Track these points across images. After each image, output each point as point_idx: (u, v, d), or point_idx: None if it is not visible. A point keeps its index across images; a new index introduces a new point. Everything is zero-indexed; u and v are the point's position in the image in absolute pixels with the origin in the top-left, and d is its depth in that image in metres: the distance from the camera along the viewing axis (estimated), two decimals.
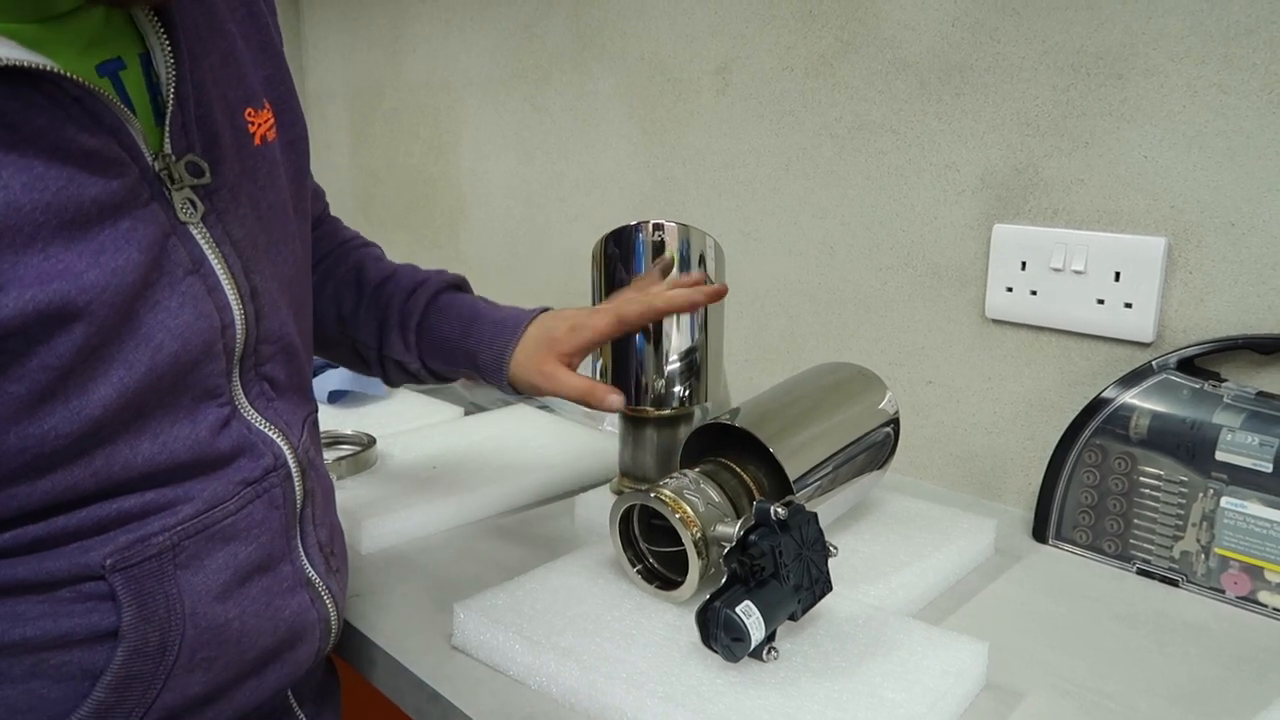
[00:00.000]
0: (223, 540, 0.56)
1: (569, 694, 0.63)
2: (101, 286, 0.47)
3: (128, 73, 0.52)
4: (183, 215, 0.52)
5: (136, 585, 0.52)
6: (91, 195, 0.47)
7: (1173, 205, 0.81)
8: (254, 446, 0.58)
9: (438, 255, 1.64)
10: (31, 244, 0.45)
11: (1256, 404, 0.76)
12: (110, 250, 0.48)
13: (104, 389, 0.48)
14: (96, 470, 0.50)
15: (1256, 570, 0.75)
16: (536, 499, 0.97)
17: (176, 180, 0.52)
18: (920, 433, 1.02)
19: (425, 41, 1.56)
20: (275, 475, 0.59)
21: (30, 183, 0.45)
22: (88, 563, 0.51)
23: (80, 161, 0.47)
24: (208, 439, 0.55)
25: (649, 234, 0.85)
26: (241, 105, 0.58)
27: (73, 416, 0.48)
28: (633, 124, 1.24)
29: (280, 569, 0.60)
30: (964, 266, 0.95)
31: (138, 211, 0.50)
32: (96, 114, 0.48)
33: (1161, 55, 0.80)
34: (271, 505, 0.59)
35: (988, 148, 0.91)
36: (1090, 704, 0.64)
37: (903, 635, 0.66)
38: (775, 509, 0.63)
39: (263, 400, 0.59)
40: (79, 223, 0.47)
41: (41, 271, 0.45)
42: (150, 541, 0.53)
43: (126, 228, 0.49)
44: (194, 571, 0.55)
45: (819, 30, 1.02)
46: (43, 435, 0.47)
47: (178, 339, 0.51)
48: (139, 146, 0.50)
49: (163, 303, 0.51)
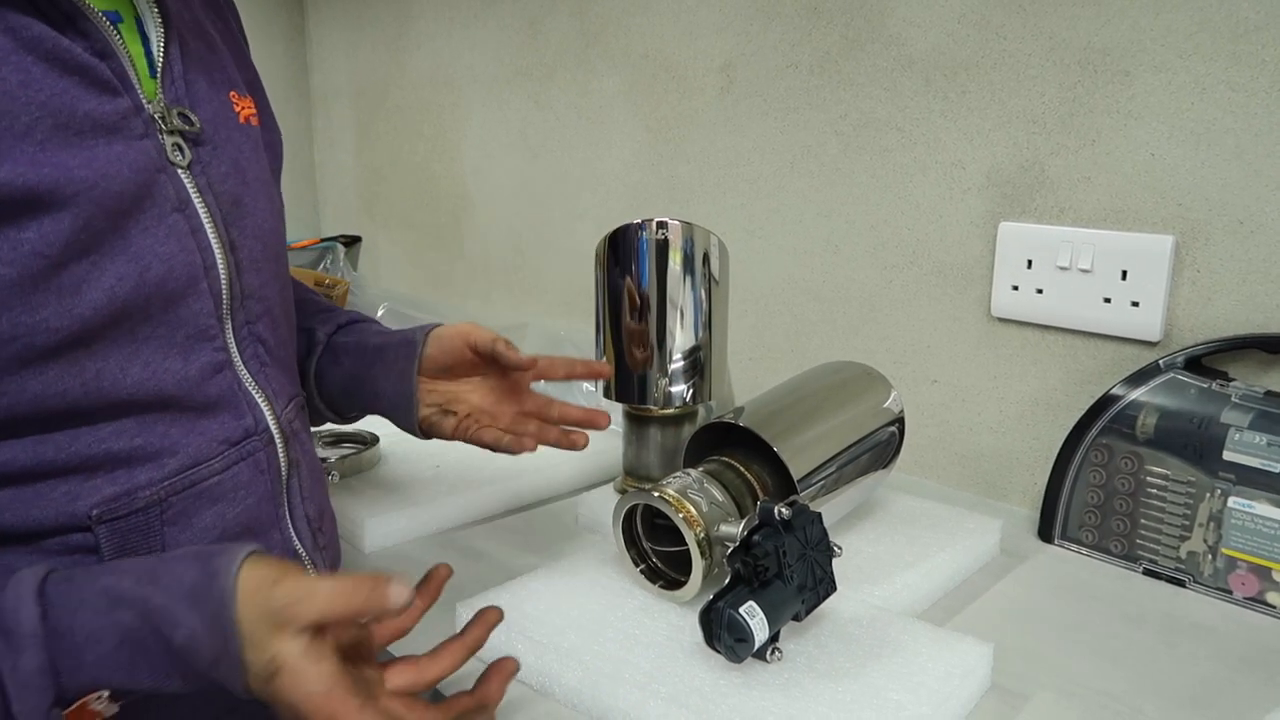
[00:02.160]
0: (210, 500, 0.57)
1: (571, 694, 0.62)
2: (90, 184, 0.50)
3: (124, 25, 0.55)
4: (172, 157, 0.55)
5: (121, 539, 0.53)
6: (85, 109, 0.50)
7: (1180, 203, 0.81)
8: (238, 404, 0.60)
9: (442, 253, 1.64)
10: (28, 134, 0.48)
11: (1265, 403, 0.75)
12: (102, 160, 0.51)
13: (95, 293, 0.51)
14: (86, 381, 0.51)
15: (1264, 571, 0.74)
16: (539, 498, 0.97)
17: (168, 125, 0.55)
18: (925, 432, 1.01)
19: (429, 39, 1.56)
20: (257, 439, 0.61)
21: (26, 81, 0.48)
22: (75, 511, 0.52)
23: (75, 76, 0.50)
24: (197, 380, 0.57)
25: (653, 232, 0.85)
26: (226, 87, 0.62)
27: (64, 313, 0.50)
28: (637, 122, 1.24)
29: (269, 535, 0.62)
30: (969, 265, 0.95)
31: (132, 141, 0.53)
32: (88, 35, 0.51)
33: (1169, 52, 0.79)
34: (256, 469, 0.61)
35: (994, 145, 0.91)
36: (1096, 705, 0.63)
37: (907, 636, 0.65)
38: (779, 509, 0.63)
39: (256, 362, 0.61)
40: (73, 129, 0.50)
41: (35, 159, 0.48)
42: (137, 495, 0.54)
43: (119, 150, 0.52)
44: (181, 529, 0.56)
45: (824, 27, 1.01)
46: (34, 325, 0.49)
47: (164, 264, 0.54)
48: (131, 80, 0.54)
49: (151, 229, 0.53)
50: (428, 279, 1.70)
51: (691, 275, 0.86)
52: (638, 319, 0.86)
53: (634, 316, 0.86)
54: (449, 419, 0.75)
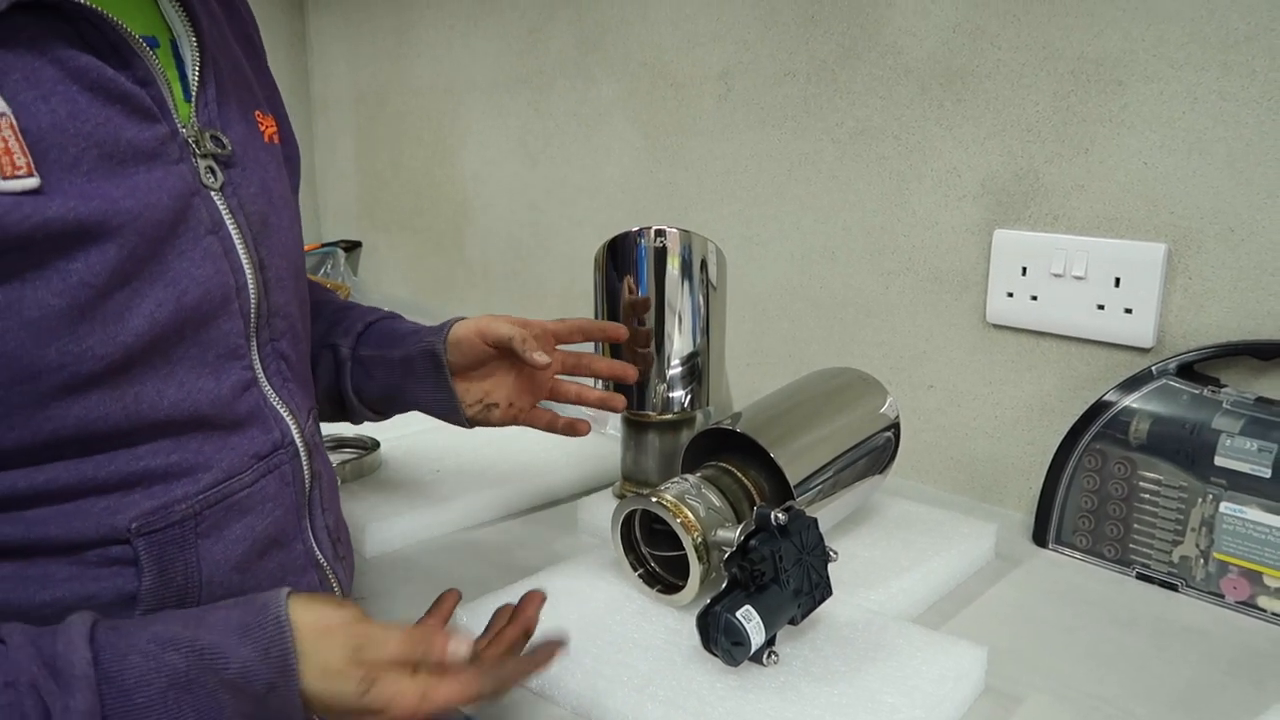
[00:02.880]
0: (240, 512, 0.59)
1: (571, 697, 0.63)
2: (135, 214, 0.51)
3: (160, 50, 0.57)
4: (205, 180, 0.57)
5: (159, 550, 0.55)
6: (128, 137, 0.52)
7: (1173, 211, 0.82)
8: (265, 419, 0.61)
9: (442, 259, 1.65)
10: (76, 166, 0.49)
11: (1255, 409, 0.76)
12: (144, 189, 0.52)
13: (137, 319, 0.52)
14: (126, 405, 0.53)
15: (1255, 575, 0.75)
16: (539, 503, 0.98)
17: (201, 147, 0.57)
18: (921, 437, 1.02)
19: (429, 47, 1.57)
20: (284, 453, 0.62)
21: (75, 112, 0.50)
22: (115, 525, 0.54)
23: (118, 104, 0.52)
24: (228, 398, 0.58)
25: (651, 240, 0.86)
26: (251, 106, 0.63)
27: (108, 340, 0.51)
28: (635, 129, 1.25)
29: (293, 546, 0.63)
30: (965, 271, 0.96)
31: (170, 166, 0.54)
32: (131, 64, 0.53)
33: (1161, 62, 0.80)
34: (283, 481, 0.62)
35: (989, 153, 0.92)
36: (1088, 708, 0.64)
37: (902, 640, 0.66)
38: (776, 514, 0.63)
39: (279, 378, 0.63)
40: (116, 159, 0.51)
41: (84, 190, 0.49)
42: (174, 508, 0.55)
43: (159, 176, 0.53)
44: (214, 541, 0.57)
45: (821, 36, 1.02)
46: (80, 354, 0.50)
47: (200, 287, 0.55)
48: (169, 106, 0.55)
49: (187, 253, 0.55)
50: (428, 284, 1.70)
51: (689, 282, 0.87)
52: (636, 325, 0.87)
53: (632, 323, 0.87)
54: (493, 410, 0.81)
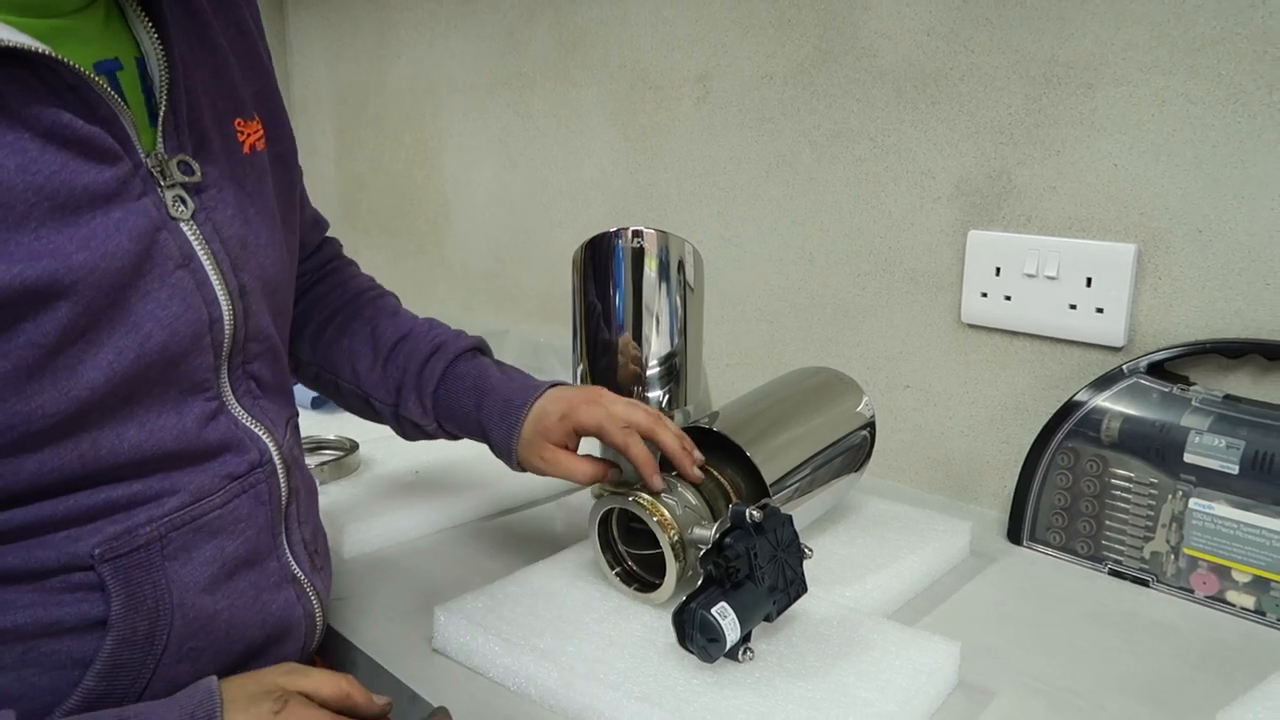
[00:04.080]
0: (210, 533, 0.57)
1: (547, 695, 0.63)
2: (89, 268, 0.48)
3: (124, 74, 0.54)
4: (174, 211, 0.54)
5: (125, 575, 0.54)
6: (84, 183, 0.49)
7: (1142, 212, 0.83)
8: (240, 442, 0.59)
9: (422, 261, 1.65)
10: (24, 223, 0.46)
11: (1223, 407, 0.77)
12: (100, 236, 0.49)
13: (92, 372, 0.50)
14: (83, 454, 0.51)
15: (1224, 570, 0.76)
16: (519, 503, 0.98)
17: (168, 177, 0.54)
18: (897, 436, 1.03)
19: (410, 48, 1.57)
20: (261, 471, 0.60)
21: (24, 165, 0.47)
22: (77, 552, 0.52)
23: (74, 149, 0.49)
24: (194, 430, 0.56)
25: (628, 241, 0.86)
26: (231, 115, 0.60)
27: (60, 397, 0.49)
28: (615, 131, 1.26)
29: (267, 564, 0.62)
30: (940, 272, 0.97)
31: (130, 204, 0.51)
32: (91, 103, 0.50)
33: (1130, 66, 0.81)
34: (257, 501, 0.60)
35: (962, 155, 0.93)
36: (1061, 702, 0.65)
37: (876, 635, 0.67)
38: (750, 512, 0.64)
39: (249, 398, 0.61)
40: (70, 207, 0.48)
41: (32, 250, 0.46)
42: (137, 532, 0.54)
43: (118, 218, 0.50)
44: (182, 563, 0.56)
45: (797, 39, 1.03)
46: (30, 414, 0.48)
47: (166, 329, 0.53)
48: (132, 140, 0.52)
49: (153, 293, 0.52)
50: (408, 286, 1.70)
51: (667, 282, 0.87)
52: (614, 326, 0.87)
53: (610, 324, 0.87)
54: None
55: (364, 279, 0.87)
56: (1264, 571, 0.74)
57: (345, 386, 0.80)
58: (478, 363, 0.78)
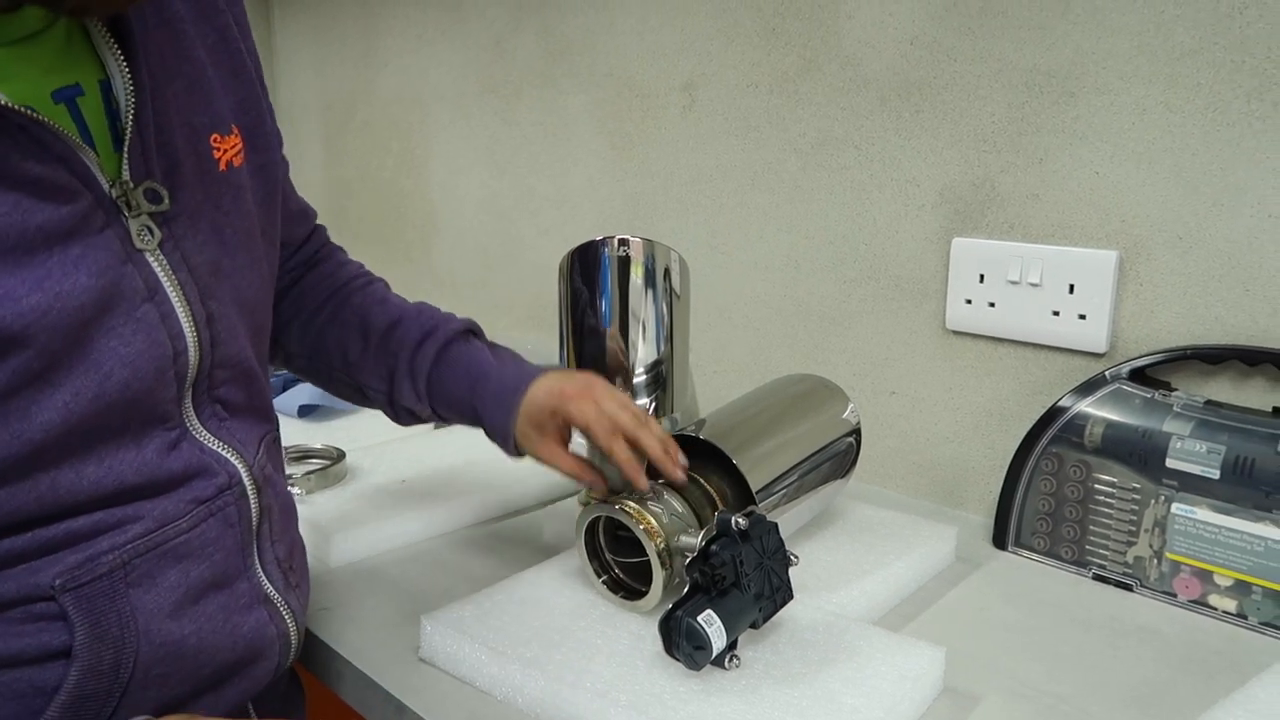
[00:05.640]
0: (175, 559, 0.56)
1: (534, 704, 0.63)
2: (43, 310, 0.47)
3: (86, 100, 0.52)
4: (139, 242, 0.52)
5: (88, 604, 0.52)
6: (37, 222, 0.47)
7: (1123, 220, 0.84)
8: (207, 467, 0.58)
9: (410, 268, 1.65)
10: None
11: (1204, 412, 0.78)
12: (56, 276, 0.47)
13: (47, 414, 0.48)
14: (40, 494, 0.50)
15: (1206, 574, 0.77)
16: (506, 511, 0.98)
17: (134, 207, 0.52)
18: (883, 442, 1.03)
19: (397, 56, 1.57)
20: (230, 494, 0.59)
21: None
22: (37, 583, 0.51)
23: (27, 189, 0.47)
24: (156, 461, 0.55)
25: (614, 249, 0.86)
26: (207, 131, 0.58)
27: (12, 440, 0.47)
28: (602, 139, 1.26)
29: (237, 586, 0.60)
30: (924, 279, 0.97)
31: (90, 238, 0.50)
32: (44, 142, 0.47)
33: (1110, 74, 0.82)
34: (226, 523, 0.59)
35: (946, 163, 0.94)
36: (1045, 707, 0.65)
37: (862, 641, 0.67)
38: (736, 519, 0.64)
39: (215, 421, 0.59)
40: (24, 248, 0.46)
41: None
42: (99, 560, 0.53)
43: (77, 254, 0.49)
44: (146, 589, 0.55)
45: (782, 48, 1.04)
46: None
47: (128, 367, 0.51)
48: (92, 174, 0.50)
49: (116, 329, 0.50)
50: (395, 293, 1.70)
51: (653, 290, 0.88)
52: (600, 334, 0.87)
53: (597, 331, 0.88)
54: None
55: (352, 265, 0.87)
56: (1246, 575, 0.75)
57: (337, 375, 0.80)
58: (470, 346, 0.78)
